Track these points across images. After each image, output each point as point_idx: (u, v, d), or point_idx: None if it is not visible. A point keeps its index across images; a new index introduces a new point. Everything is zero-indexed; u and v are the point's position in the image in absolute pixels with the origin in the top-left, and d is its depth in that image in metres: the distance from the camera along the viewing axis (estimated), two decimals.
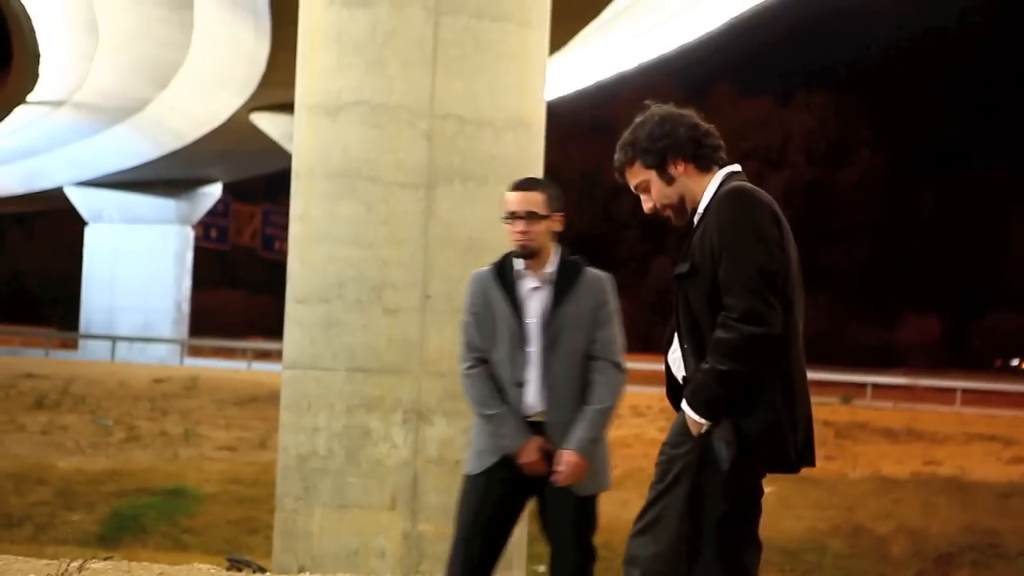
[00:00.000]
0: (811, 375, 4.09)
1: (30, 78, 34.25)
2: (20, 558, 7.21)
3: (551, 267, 5.24)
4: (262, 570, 8.38)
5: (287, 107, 26.03)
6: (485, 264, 5.45)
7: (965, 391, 37.72)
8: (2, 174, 46.41)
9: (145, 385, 31.72)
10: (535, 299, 5.23)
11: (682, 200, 4.17)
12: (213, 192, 48.51)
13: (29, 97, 35.71)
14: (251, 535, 20.37)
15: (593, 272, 5.27)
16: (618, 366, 5.22)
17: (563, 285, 5.19)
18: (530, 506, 5.33)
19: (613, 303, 5.26)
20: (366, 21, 11.64)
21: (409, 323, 11.55)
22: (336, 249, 11.93)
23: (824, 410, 27.37)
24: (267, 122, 32.25)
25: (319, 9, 12.00)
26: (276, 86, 28.15)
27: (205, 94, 32.55)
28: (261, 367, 39.89)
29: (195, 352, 46.75)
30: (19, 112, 37.44)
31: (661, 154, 4.16)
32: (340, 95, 11.83)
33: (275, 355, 37.96)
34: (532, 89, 11.95)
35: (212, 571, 8.13)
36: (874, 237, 76.99)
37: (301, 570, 9.20)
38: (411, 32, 11.48)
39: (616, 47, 32.96)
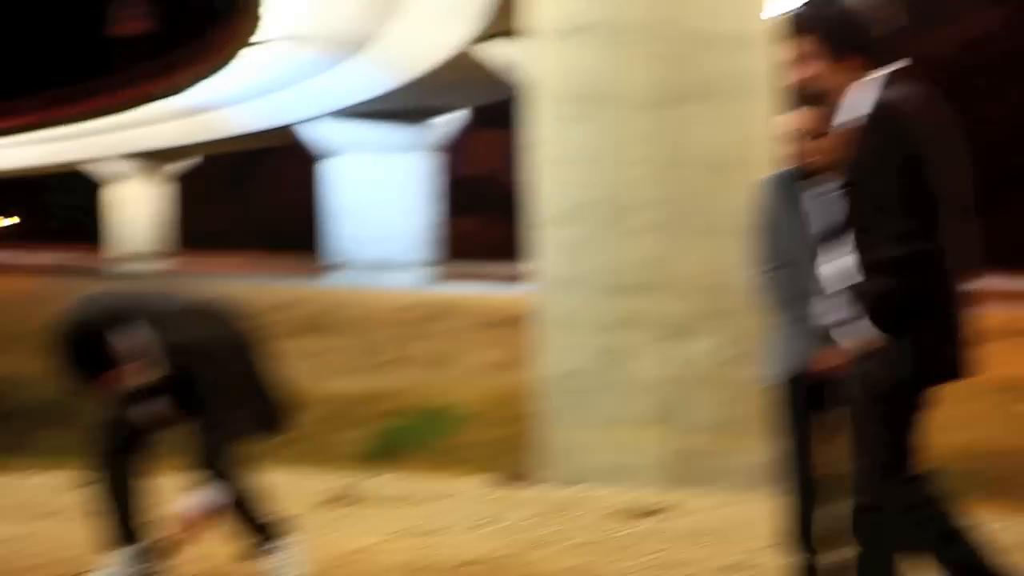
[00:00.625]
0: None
1: (265, 11, 35.02)
2: (306, 474, 7.58)
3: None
4: (527, 486, 8.60)
5: (521, 33, 26.24)
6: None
7: None
8: (247, 111, 47.77)
9: (401, 310, 32.41)
10: (817, 201, 5.00)
11: (833, 97, 4.06)
12: (455, 119, 48.90)
13: (266, 32, 36.54)
14: (512, 454, 20.77)
15: None
16: None
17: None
18: None
19: None
20: None
21: (658, 241, 11.62)
22: (582, 170, 12.02)
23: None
24: (502, 49, 32.34)
25: None
26: (509, 13, 28.20)
27: (439, 23, 32.73)
28: (514, 288, 40.28)
29: (446, 276, 47.39)
30: (259, 48, 38.41)
31: (837, 42, 4.00)
32: (575, 18, 11.84)
33: (526, 277, 38.25)
34: (761, 5, 11.82)
35: (482, 485, 8.35)
36: None
37: (567, 485, 9.40)
38: None
39: None
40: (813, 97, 4.41)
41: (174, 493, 5.08)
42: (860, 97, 3.96)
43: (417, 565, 5.59)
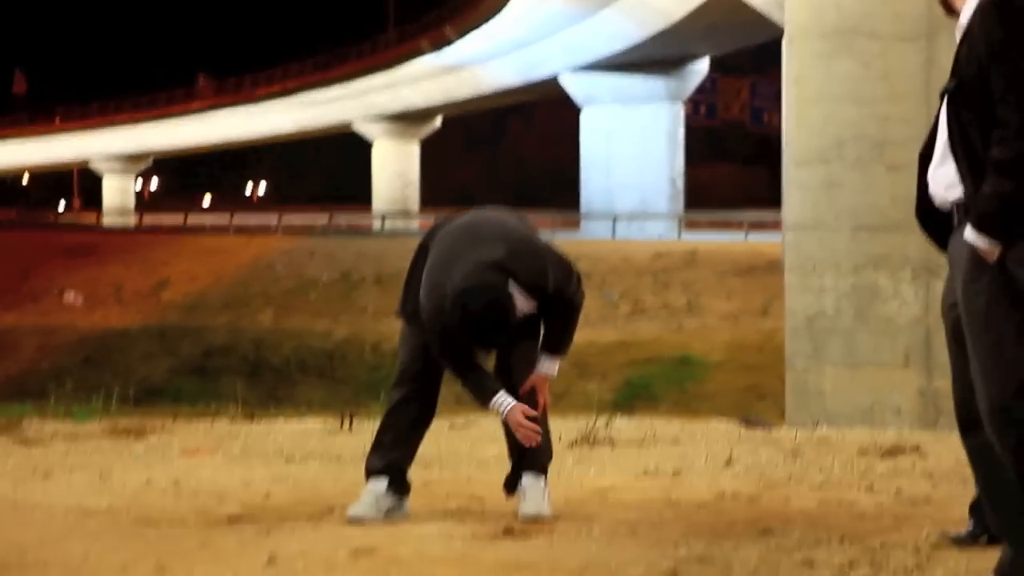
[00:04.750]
0: None
1: None
2: (556, 418, 7.58)
3: None
4: (774, 428, 8.44)
5: None
6: None
7: None
8: (500, 66, 48.35)
9: (646, 260, 32.47)
10: None
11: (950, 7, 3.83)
12: (700, 69, 48.70)
13: None
14: (759, 400, 20.62)
15: None
16: None
17: None
18: None
19: None
20: None
21: (914, 179, 11.28)
22: (834, 108, 11.81)
23: None
24: None
25: None
26: None
27: None
28: (757, 237, 39.92)
29: (691, 226, 47.25)
30: (515, 3, 38.78)
31: None
32: None
33: (770, 225, 37.92)
34: None
35: (728, 428, 8.26)
36: None
37: (816, 426, 9.21)
38: None
39: None
40: None
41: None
42: None
43: (671, 499, 5.54)
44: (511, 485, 5.13)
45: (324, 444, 7.36)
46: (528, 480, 5.06)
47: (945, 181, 3.75)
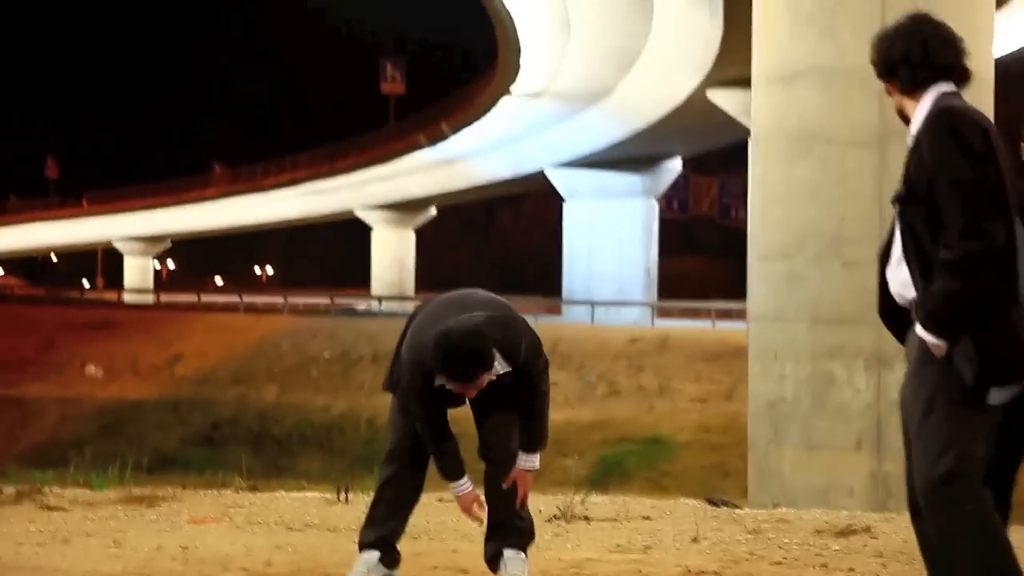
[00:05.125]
0: None
1: (512, 70, 35.70)
2: (534, 494, 7.54)
3: None
4: (737, 507, 8.41)
5: (740, 82, 26.04)
6: None
7: None
8: (491, 160, 48.55)
9: (621, 344, 32.41)
10: None
11: (905, 118, 3.88)
12: (674, 167, 48.93)
13: (512, 88, 37.21)
14: (723, 478, 20.50)
15: None
16: None
17: None
18: None
19: None
20: None
21: (868, 274, 11.30)
22: (795, 207, 11.85)
23: None
24: (722, 98, 32.19)
25: None
26: (729, 64, 28.09)
27: (664, 76, 32.85)
28: (724, 325, 39.98)
29: (664, 313, 47.27)
30: (504, 103, 39.05)
31: (885, 69, 3.89)
32: (795, 63, 11.72)
33: (736, 314, 37.93)
34: (980, 46, 11.43)
35: (695, 507, 8.23)
36: None
37: (775, 506, 9.17)
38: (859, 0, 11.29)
39: None
40: None
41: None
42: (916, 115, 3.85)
43: (642, 573, 5.55)
44: (494, 561, 5.12)
45: (322, 515, 7.32)
46: (509, 554, 5.04)
47: (901, 280, 3.79)
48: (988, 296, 3.58)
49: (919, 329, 3.68)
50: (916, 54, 3.80)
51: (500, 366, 4.94)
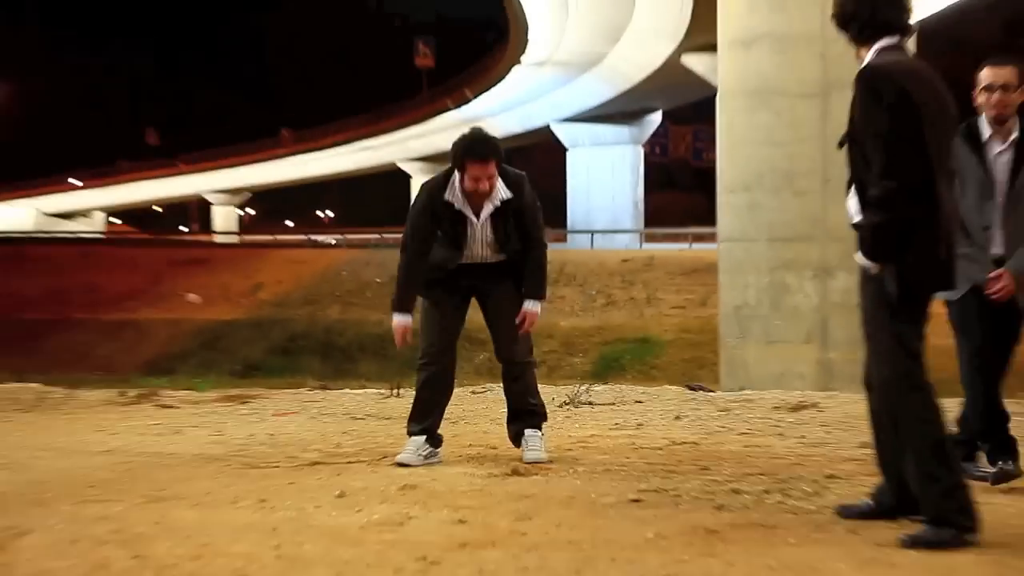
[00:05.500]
0: None
1: (521, 44, 35.33)
2: (547, 385, 7.58)
3: (1016, 133, 4.48)
4: (711, 391, 8.45)
5: (708, 47, 25.72)
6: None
7: None
8: (505, 118, 48.20)
9: (615, 264, 32.33)
10: (1001, 160, 4.48)
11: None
12: (655, 119, 48.46)
13: (522, 59, 36.85)
14: (700, 369, 20.52)
15: None
16: None
17: None
18: None
19: None
20: None
21: (813, 202, 11.26)
22: (754, 149, 11.80)
23: None
24: (693, 61, 31.79)
25: None
26: (699, 33, 27.73)
27: (645, 45, 32.49)
28: (699, 246, 39.76)
29: (650, 239, 46.89)
30: (515, 71, 38.68)
31: (840, 23, 3.79)
32: (752, 31, 11.61)
33: (708, 237, 37.63)
34: None
35: (677, 392, 8.28)
36: None
37: (741, 390, 9.22)
38: None
39: None
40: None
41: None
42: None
43: (635, 445, 5.58)
44: (516, 439, 5.15)
45: (378, 407, 7.40)
46: (529, 432, 5.07)
47: (853, 207, 3.73)
48: (905, 224, 3.52)
49: (858, 253, 3.65)
50: (864, 12, 3.72)
51: (503, 191, 4.90)
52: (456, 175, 4.94)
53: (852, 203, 3.71)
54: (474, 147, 4.82)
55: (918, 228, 3.54)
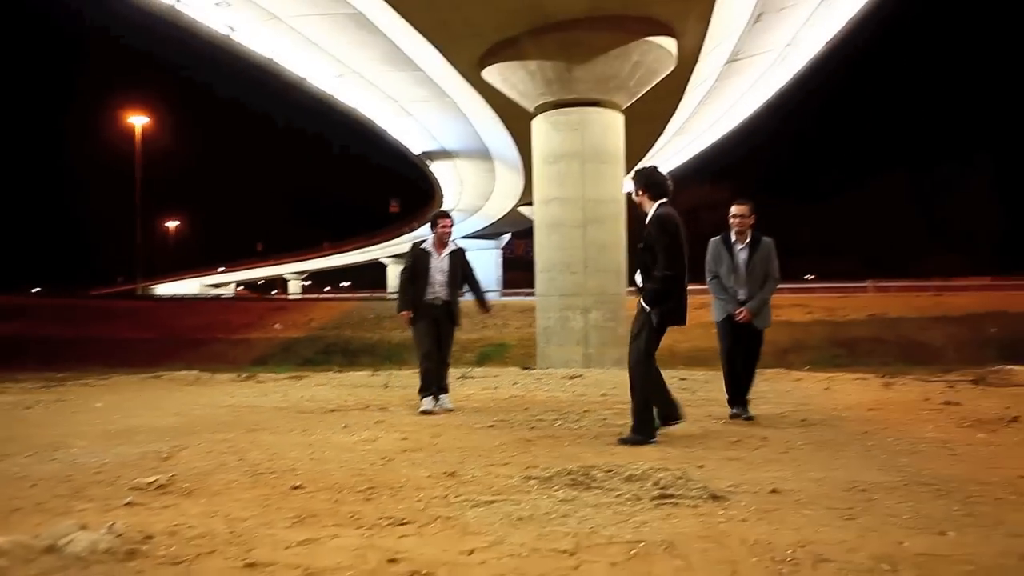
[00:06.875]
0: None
1: (440, 199, 34.99)
2: (454, 368, 7.37)
3: (749, 239, 4.24)
4: (532, 369, 8.34)
5: (530, 203, 25.94)
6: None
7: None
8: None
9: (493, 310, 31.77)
10: (742, 254, 4.24)
11: (644, 212, 3.66)
12: (507, 236, 48.81)
13: (441, 207, 36.58)
14: (529, 358, 20.26)
15: (766, 240, 4.24)
16: (775, 279, 4.25)
17: (754, 247, 4.23)
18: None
19: (775, 254, 4.27)
20: (556, 168, 11.49)
21: (579, 277, 11.34)
22: (552, 252, 11.74)
23: None
24: (525, 209, 32.27)
25: (537, 165, 11.86)
26: (526, 196, 28.07)
27: (501, 202, 32.77)
28: (528, 298, 39.57)
29: (507, 294, 46.79)
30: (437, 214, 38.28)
31: (639, 188, 3.64)
32: (549, 195, 11.58)
33: (531, 293, 37.62)
34: (618, 185, 11.62)
35: (517, 371, 8.12)
36: None
37: (547, 368, 9.02)
38: (573, 170, 11.30)
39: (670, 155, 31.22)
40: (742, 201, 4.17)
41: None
42: (650, 211, 3.67)
43: (493, 399, 5.44)
44: (437, 396, 4.75)
45: (369, 382, 6.79)
46: (443, 396, 4.80)
47: (639, 280, 3.65)
48: (667, 291, 3.54)
49: (641, 300, 3.60)
50: (652, 184, 3.65)
51: (451, 244, 4.81)
52: (430, 234, 4.80)
53: (638, 277, 3.67)
54: (440, 212, 4.81)
55: (672, 293, 3.56)
